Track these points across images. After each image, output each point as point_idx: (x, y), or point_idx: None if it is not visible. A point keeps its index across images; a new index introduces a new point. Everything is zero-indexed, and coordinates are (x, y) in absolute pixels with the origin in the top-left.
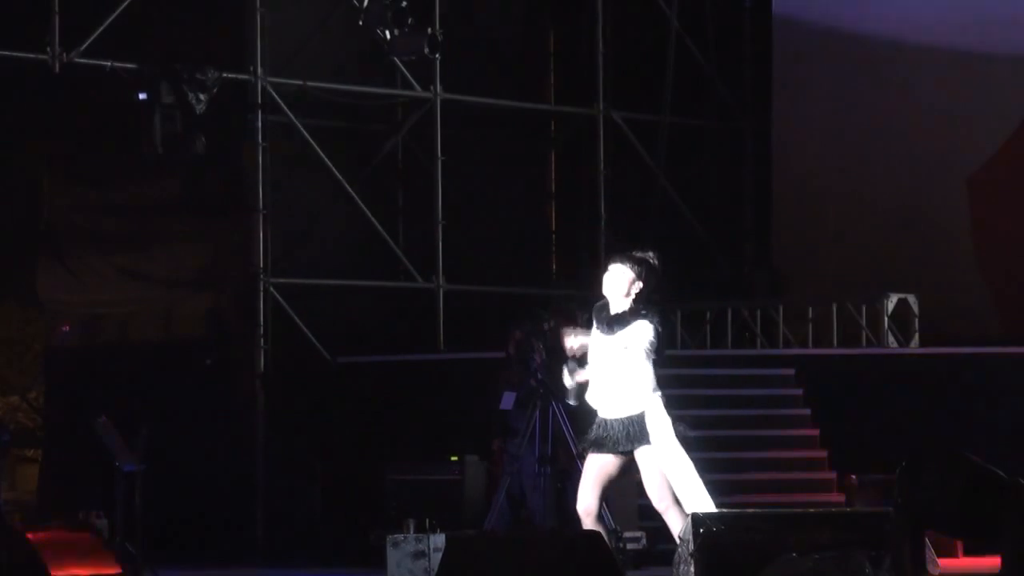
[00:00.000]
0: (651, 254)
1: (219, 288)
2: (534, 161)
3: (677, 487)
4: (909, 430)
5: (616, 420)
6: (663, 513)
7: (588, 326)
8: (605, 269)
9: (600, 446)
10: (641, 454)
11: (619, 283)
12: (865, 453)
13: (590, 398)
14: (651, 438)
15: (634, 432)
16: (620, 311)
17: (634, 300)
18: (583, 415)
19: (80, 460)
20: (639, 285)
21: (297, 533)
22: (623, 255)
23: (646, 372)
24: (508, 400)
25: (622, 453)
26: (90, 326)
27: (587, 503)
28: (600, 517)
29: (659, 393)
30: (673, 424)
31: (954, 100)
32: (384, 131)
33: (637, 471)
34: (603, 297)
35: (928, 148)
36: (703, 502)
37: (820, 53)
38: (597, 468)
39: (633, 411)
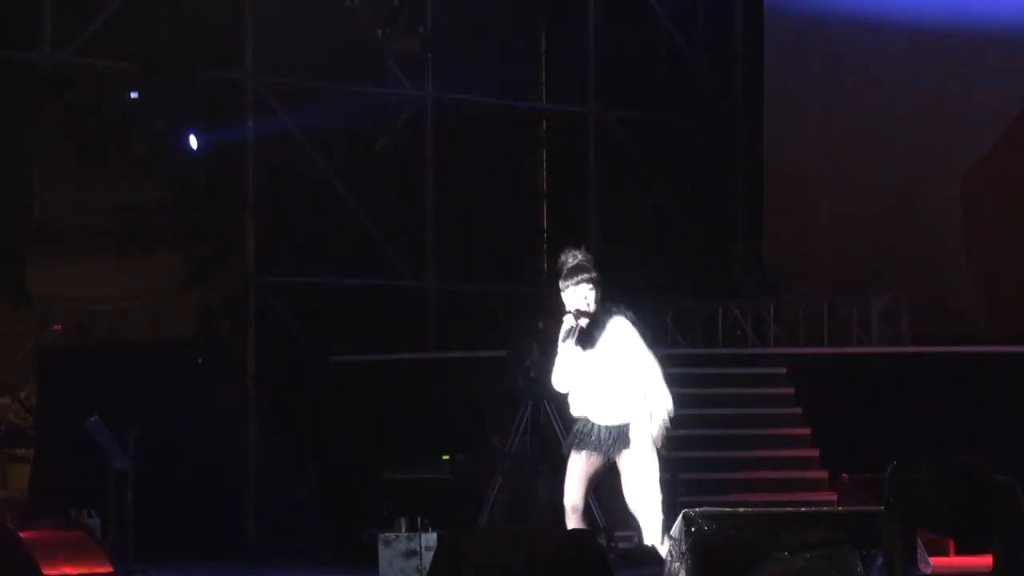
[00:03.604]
0: (583, 254)
1: (210, 286)
2: (525, 160)
3: (637, 495)
4: (900, 429)
5: (604, 427)
6: (636, 514)
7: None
8: (567, 288)
9: (584, 445)
10: (624, 457)
11: (592, 299)
12: (856, 452)
13: (577, 410)
14: (633, 445)
15: (619, 438)
16: (591, 321)
17: (599, 306)
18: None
19: (72, 459)
20: (599, 292)
21: (288, 532)
22: (579, 273)
23: (635, 379)
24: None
25: (605, 455)
26: (81, 325)
27: (573, 499)
28: (586, 514)
29: (646, 406)
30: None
31: (946, 99)
32: (375, 130)
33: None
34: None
35: (920, 147)
36: (654, 520)
37: (812, 52)
38: (580, 466)
39: (622, 420)
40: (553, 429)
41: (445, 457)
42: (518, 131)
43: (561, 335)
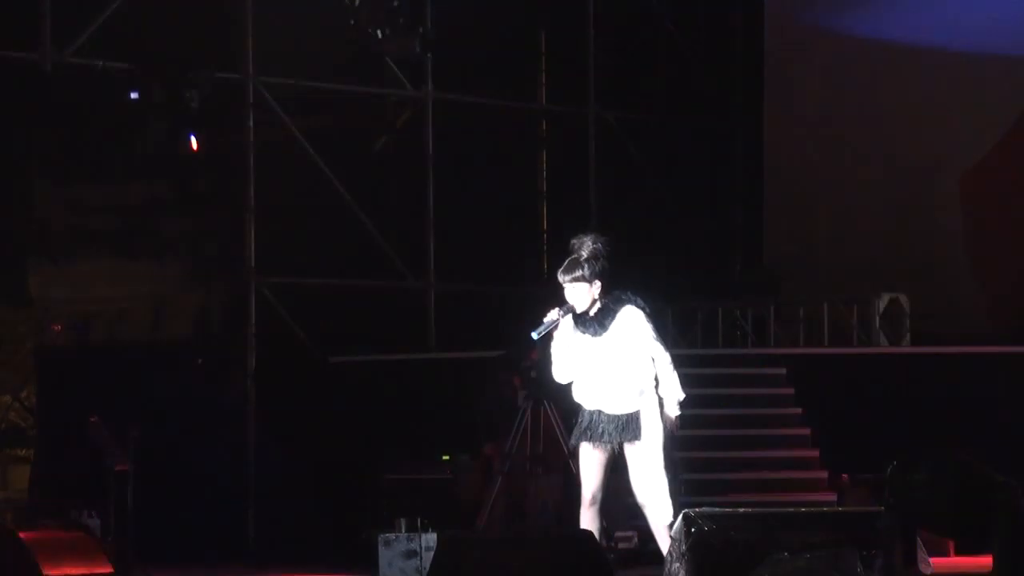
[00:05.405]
0: (590, 244)
1: (210, 287)
2: (525, 160)
3: (644, 489)
4: (900, 429)
5: (607, 415)
6: (644, 507)
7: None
8: (564, 283)
9: (590, 436)
10: (630, 449)
11: (582, 298)
12: (856, 452)
13: (580, 398)
14: (642, 435)
15: (627, 427)
16: (599, 309)
17: (603, 295)
18: (574, 414)
19: (72, 459)
20: (599, 284)
21: (288, 532)
22: (568, 271)
23: (644, 368)
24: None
25: (612, 444)
26: (81, 325)
27: (592, 490)
28: (601, 509)
29: (655, 396)
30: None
31: (947, 100)
32: (375, 130)
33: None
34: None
35: (920, 148)
36: (664, 509)
37: (812, 52)
38: (592, 457)
39: (628, 409)
40: (554, 430)
41: (445, 457)
42: (518, 131)
43: (541, 328)
